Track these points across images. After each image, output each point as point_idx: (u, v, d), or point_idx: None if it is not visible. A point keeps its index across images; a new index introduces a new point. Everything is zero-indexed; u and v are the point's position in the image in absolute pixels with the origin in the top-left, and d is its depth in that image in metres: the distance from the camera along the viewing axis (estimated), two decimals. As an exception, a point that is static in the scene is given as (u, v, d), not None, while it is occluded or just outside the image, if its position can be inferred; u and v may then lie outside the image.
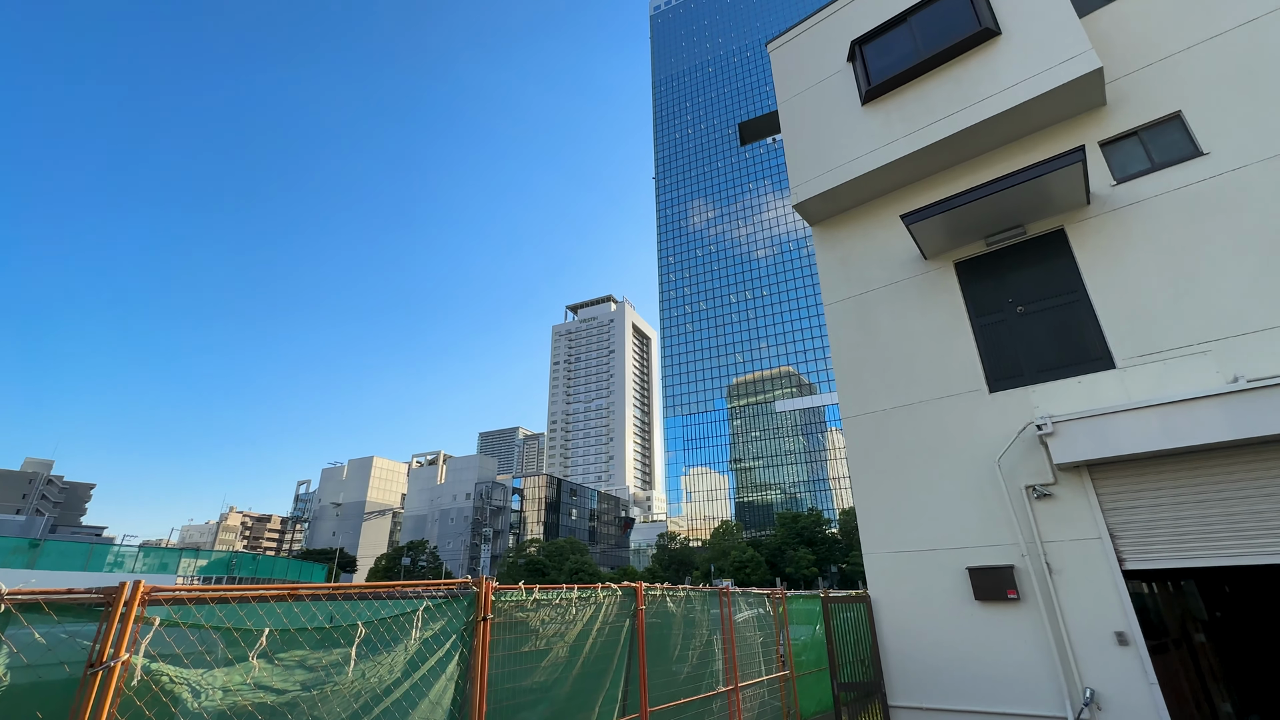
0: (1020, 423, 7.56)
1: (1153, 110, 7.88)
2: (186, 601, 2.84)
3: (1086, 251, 7.75)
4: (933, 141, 8.89)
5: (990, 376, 8.04)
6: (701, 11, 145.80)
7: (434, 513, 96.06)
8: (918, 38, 9.33)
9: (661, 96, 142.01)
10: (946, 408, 8.26)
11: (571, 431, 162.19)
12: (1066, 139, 8.36)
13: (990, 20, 8.73)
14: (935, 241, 8.75)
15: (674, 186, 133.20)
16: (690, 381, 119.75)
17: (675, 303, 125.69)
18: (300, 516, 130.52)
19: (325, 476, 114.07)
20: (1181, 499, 6.35)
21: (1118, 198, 7.74)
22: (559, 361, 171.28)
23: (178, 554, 32.65)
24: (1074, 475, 7.05)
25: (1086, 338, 7.49)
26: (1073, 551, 6.86)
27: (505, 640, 4.22)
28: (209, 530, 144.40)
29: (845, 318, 9.69)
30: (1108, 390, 7.09)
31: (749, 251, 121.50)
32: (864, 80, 9.80)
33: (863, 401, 9.09)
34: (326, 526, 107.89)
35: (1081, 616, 6.65)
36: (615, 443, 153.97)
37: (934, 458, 8.16)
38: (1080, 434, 6.77)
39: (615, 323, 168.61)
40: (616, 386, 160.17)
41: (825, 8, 11.07)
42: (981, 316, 8.41)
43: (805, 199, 10.03)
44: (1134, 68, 8.15)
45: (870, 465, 8.74)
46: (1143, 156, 7.83)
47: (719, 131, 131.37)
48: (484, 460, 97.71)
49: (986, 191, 7.63)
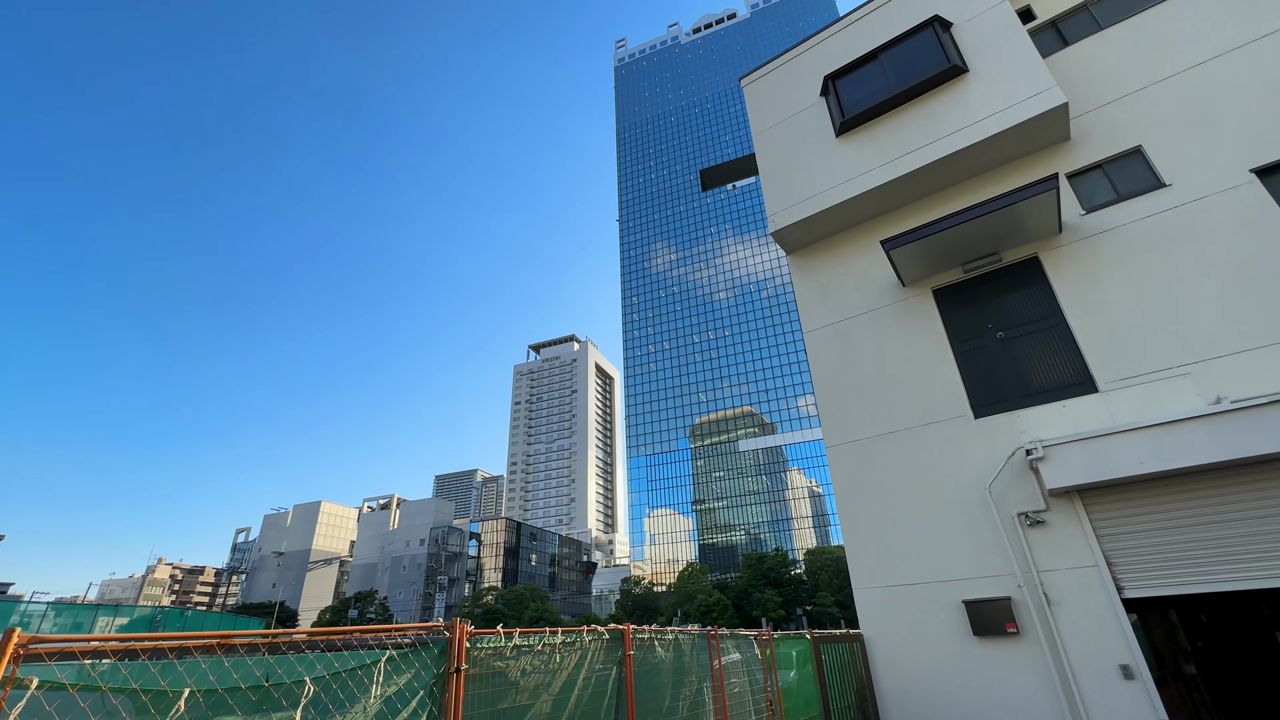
0: (1008, 448, 7.43)
1: (1115, 145, 8.18)
2: (80, 656, 2.21)
3: (1062, 278, 7.85)
4: (908, 171, 9.02)
5: (974, 402, 7.94)
6: (662, 65, 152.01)
7: (385, 560, 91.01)
8: (889, 74, 9.58)
9: (625, 143, 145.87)
10: (932, 434, 8.09)
11: (532, 473, 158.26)
12: (1035, 171, 8.58)
13: (958, 58, 9.03)
14: (914, 268, 8.76)
15: (637, 229, 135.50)
16: (654, 421, 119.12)
17: (638, 342, 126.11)
18: (237, 568, 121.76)
19: (267, 524, 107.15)
20: (1175, 523, 6.24)
21: (1088, 226, 7.92)
22: (520, 401, 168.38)
23: (94, 611, 29.60)
24: (1066, 501, 6.89)
25: (1068, 362, 7.49)
26: (1070, 581, 6.63)
27: (481, 695, 3.61)
28: (133, 585, 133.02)
29: (825, 345, 9.55)
30: (1093, 414, 7.04)
31: (710, 293, 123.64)
32: (838, 113, 9.98)
33: (845, 429, 8.86)
34: (266, 578, 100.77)
35: (1084, 649, 6.37)
36: (577, 484, 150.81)
37: (922, 486, 7.93)
38: (1072, 458, 6.65)
39: (578, 362, 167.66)
40: (579, 426, 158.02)
41: (798, 45, 11.37)
42: (962, 342, 8.37)
43: (782, 226, 10.00)
44: (1094, 105, 8.50)
45: (856, 495, 8.45)
46: (1108, 188, 8.08)
47: (681, 177, 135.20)
48: (440, 504, 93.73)
49: (966, 217, 7.69)
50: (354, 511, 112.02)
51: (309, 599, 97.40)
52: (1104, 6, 9.15)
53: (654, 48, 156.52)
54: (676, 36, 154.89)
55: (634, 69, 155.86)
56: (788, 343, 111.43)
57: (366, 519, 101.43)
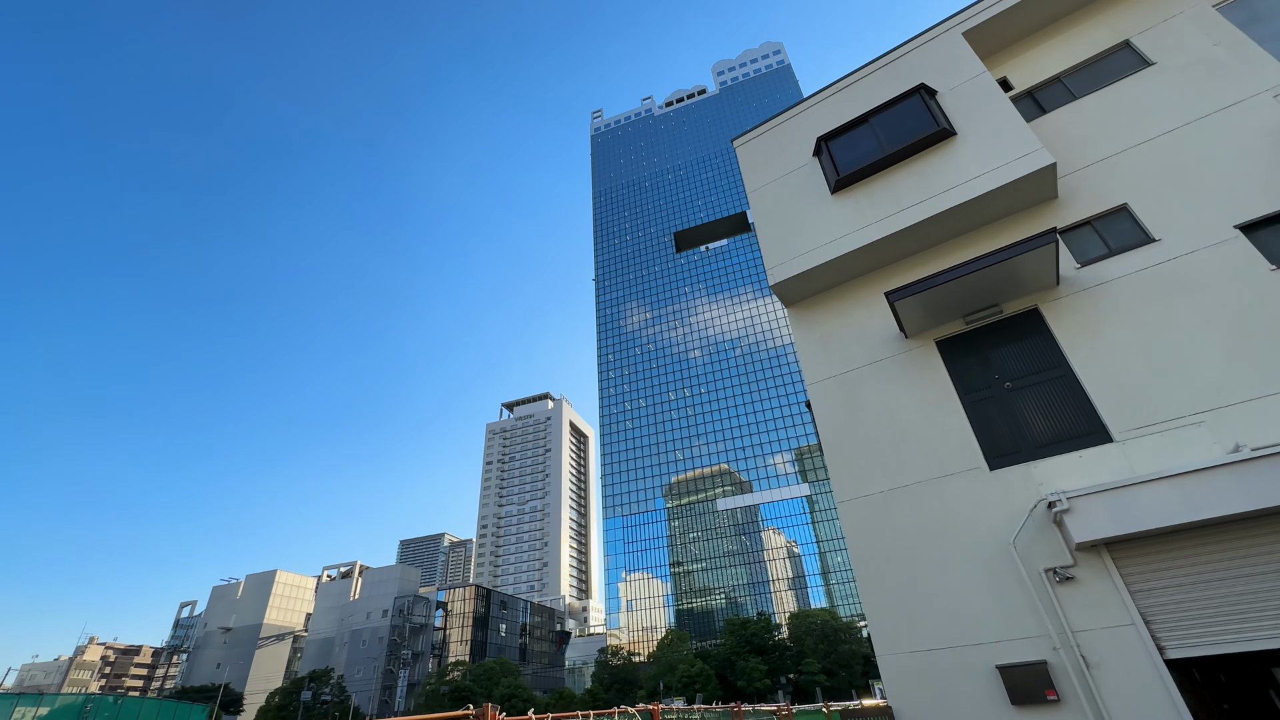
0: (1027, 500, 7.25)
1: (1100, 203, 8.52)
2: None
3: (1064, 329, 7.94)
4: (905, 226, 9.23)
5: (988, 454, 7.81)
6: (636, 134, 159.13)
7: (343, 634, 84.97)
8: (880, 136, 9.98)
9: (601, 206, 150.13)
10: (947, 488, 7.89)
11: (503, 536, 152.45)
12: (1026, 228, 8.85)
13: (946, 122, 9.46)
14: (916, 320, 8.81)
15: (613, 289, 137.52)
16: (630, 480, 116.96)
17: (614, 400, 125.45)
18: (178, 646, 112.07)
19: (216, 596, 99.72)
20: (1210, 576, 6.06)
21: (1084, 279, 8.11)
22: (492, 461, 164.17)
23: (12, 700, 26.52)
24: (1093, 555, 6.68)
25: (1079, 412, 7.47)
26: (1108, 642, 6.33)
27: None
28: (58, 669, 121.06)
29: (829, 397, 9.42)
30: (1111, 464, 6.95)
31: (684, 352, 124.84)
32: (832, 171, 10.28)
33: (857, 484, 8.61)
34: (210, 656, 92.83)
35: (1130, 717, 6.00)
36: (550, 547, 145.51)
37: (941, 542, 7.64)
38: (1097, 510, 6.49)
39: (552, 420, 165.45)
40: (553, 486, 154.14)
41: (785, 111, 11.85)
42: (970, 393, 8.33)
43: (783, 279, 10.06)
44: (1077, 167, 8.90)
45: (873, 553, 8.10)
46: (1099, 243, 8.35)
47: (655, 239, 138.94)
48: (406, 570, 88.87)
49: (973, 268, 7.81)
50: (312, 581, 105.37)
51: (257, 679, 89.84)
52: (1075, 78, 9.78)
53: (628, 118, 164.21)
54: (650, 109, 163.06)
55: (609, 137, 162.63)
56: (761, 400, 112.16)
57: (325, 589, 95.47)
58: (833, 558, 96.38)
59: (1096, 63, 9.69)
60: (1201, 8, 9.05)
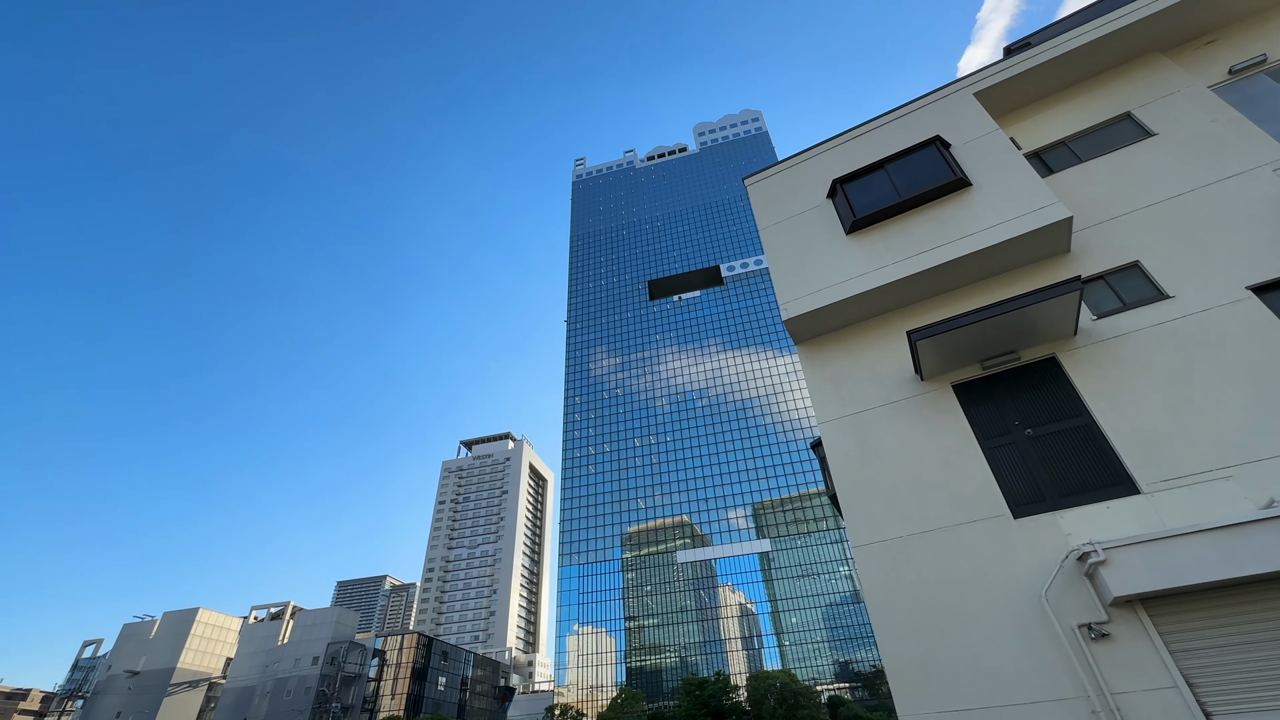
0: (1054, 550, 6.98)
1: (1112, 259, 8.71)
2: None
3: (1084, 378, 7.91)
4: (921, 270, 9.25)
5: (1011, 501, 7.58)
6: (617, 184, 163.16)
7: (266, 683, 77.95)
8: (896, 182, 10.13)
9: (578, 250, 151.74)
10: (969, 535, 7.58)
11: (450, 581, 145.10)
12: (1039, 278, 8.95)
13: (961, 172, 9.67)
14: (933, 362, 8.70)
15: (584, 331, 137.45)
16: (589, 527, 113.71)
17: (578, 443, 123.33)
18: (75, 690, 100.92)
19: (126, 635, 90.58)
20: (1257, 637, 5.82)
21: (1101, 330, 8.16)
22: (445, 501, 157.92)
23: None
24: (1128, 612, 6.39)
25: (1103, 462, 7.34)
26: (1150, 706, 5.96)
27: None
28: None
29: (843, 437, 9.14)
30: (1140, 516, 6.78)
31: (651, 399, 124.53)
32: (848, 213, 10.34)
33: (873, 528, 8.22)
34: (111, 704, 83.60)
35: (1181, 791, 5.58)
36: (499, 595, 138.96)
37: (966, 593, 7.26)
38: (1133, 563, 6.24)
39: (512, 461, 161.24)
40: (507, 530, 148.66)
41: (799, 154, 12.04)
42: (989, 438, 8.16)
43: (796, 315, 9.91)
44: (1088, 224, 9.14)
45: (892, 604, 7.65)
46: (1113, 297, 8.48)
47: (629, 286, 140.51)
48: (343, 614, 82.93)
49: (998, 311, 7.77)
50: (238, 622, 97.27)
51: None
52: (1080, 143, 10.21)
53: (610, 168, 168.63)
54: (632, 161, 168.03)
55: (590, 184, 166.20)
56: (723, 452, 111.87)
57: (250, 630, 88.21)
58: (787, 618, 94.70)
59: (1100, 130, 10.15)
60: (1197, 88, 9.62)
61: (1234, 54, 9.79)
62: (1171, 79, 9.92)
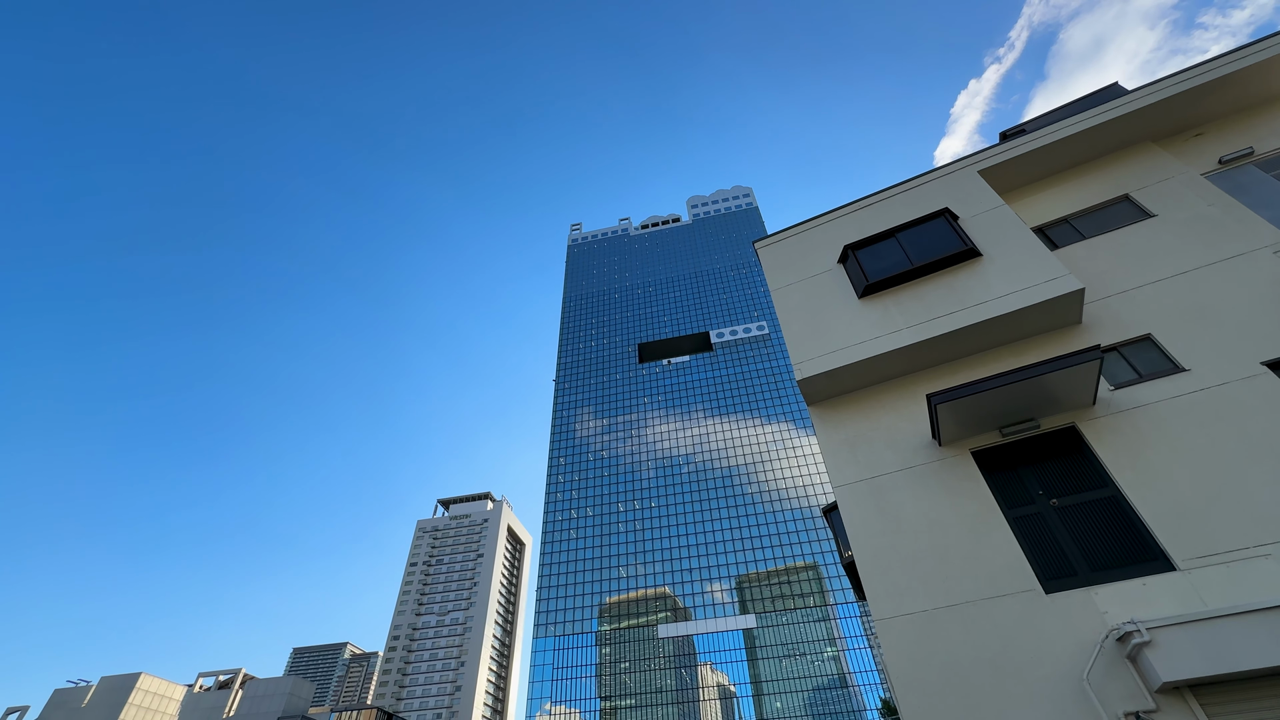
0: (1090, 629, 6.62)
1: (1124, 332, 8.82)
2: None
3: (1107, 448, 7.81)
4: (936, 335, 9.29)
5: (1041, 575, 7.27)
6: (611, 249, 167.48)
7: (205, 762, 71.27)
8: (908, 250, 10.36)
9: (570, 312, 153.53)
10: (999, 610, 7.20)
11: (415, 651, 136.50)
12: (1052, 348, 9.01)
13: (970, 242, 9.91)
14: (950, 428, 8.58)
15: (572, 392, 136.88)
16: (567, 596, 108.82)
17: (560, 506, 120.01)
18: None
19: (55, 702, 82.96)
20: (1320, 731, 5.43)
21: (1120, 401, 8.14)
22: (417, 562, 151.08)
23: None
24: (1177, 699, 5.99)
25: (1134, 536, 7.12)
26: (1212, 807, 5.48)
27: None
28: None
29: (861, 501, 8.85)
30: (1179, 594, 6.49)
31: (636, 465, 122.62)
32: (860, 277, 10.49)
33: (897, 601, 7.81)
34: (27, 783, 75.48)
35: None
36: (467, 667, 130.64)
37: (999, 674, 6.81)
38: (1184, 644, 5.91)
39: (490, 523, 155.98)
40: (480, 597, 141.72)
41: (811, 219, 12.36)
42: (1013, 508, 7.93)
43: (811, 375, 9.83)
44: (1098, 296, 9.31)
45: (921, 683, 7.14)
46: (1128, 368, 8.51)
47: (619, 349, 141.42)
48: (298, 684, 77.19)
49: (1021, 376, 7.74)
50: (183, 690, 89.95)
51: (80, 817, 73.26)
52: (1082, 221, 10.58)
53: (605, 234, 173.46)
54: (626, 229, 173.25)
55: (585, 248, 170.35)
56: (708, 522, 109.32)
57: (194, 700, 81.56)
58: (771, 702, 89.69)
59: (1101, 210, 10.55)
60: (1191, 175, 10.11)
61: (1221, 146, 10.37)
62: (1166, 166, 10.43)
